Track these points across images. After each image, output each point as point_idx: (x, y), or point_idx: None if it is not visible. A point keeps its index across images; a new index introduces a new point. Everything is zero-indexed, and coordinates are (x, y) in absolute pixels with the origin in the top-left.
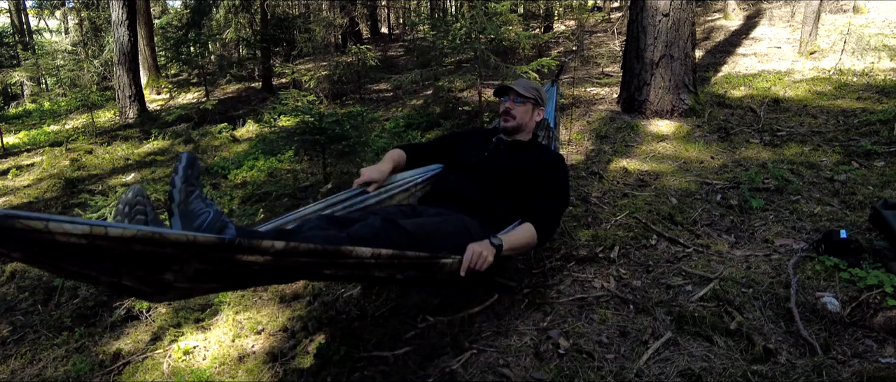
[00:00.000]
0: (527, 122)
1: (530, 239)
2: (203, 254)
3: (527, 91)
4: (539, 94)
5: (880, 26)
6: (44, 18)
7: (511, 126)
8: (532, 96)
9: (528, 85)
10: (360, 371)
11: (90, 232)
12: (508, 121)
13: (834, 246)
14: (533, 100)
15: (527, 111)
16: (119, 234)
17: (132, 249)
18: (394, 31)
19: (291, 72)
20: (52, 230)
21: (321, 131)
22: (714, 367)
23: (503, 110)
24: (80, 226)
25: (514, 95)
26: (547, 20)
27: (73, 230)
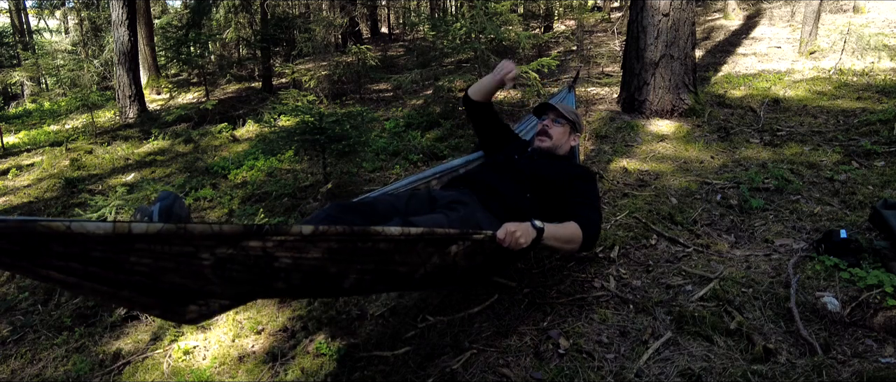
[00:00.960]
0: (562, 145)
1: (574, 238)
2: (231, 242)
3: (567, 113)
4: (578, 119)
5: (880, 26)
6: (44, 18)
7: (546, 147)
8: (571, 119)
9: (568, 107)
10: (360, 370)
11: (114, 231)
12: (544, 140)
13: (834, 246)
14: (571, 123)
15: (564, 133)
16: (144, 230)
17: (158, 247)
18: (394, 31)
19: (291, 72)
20: (75, 230)
21: (321, 131)
22: (714, 367)
23: (540, 129)
24: (104, 226)
25: (554, 115)
26: (547, 20)
27: (97, 230)
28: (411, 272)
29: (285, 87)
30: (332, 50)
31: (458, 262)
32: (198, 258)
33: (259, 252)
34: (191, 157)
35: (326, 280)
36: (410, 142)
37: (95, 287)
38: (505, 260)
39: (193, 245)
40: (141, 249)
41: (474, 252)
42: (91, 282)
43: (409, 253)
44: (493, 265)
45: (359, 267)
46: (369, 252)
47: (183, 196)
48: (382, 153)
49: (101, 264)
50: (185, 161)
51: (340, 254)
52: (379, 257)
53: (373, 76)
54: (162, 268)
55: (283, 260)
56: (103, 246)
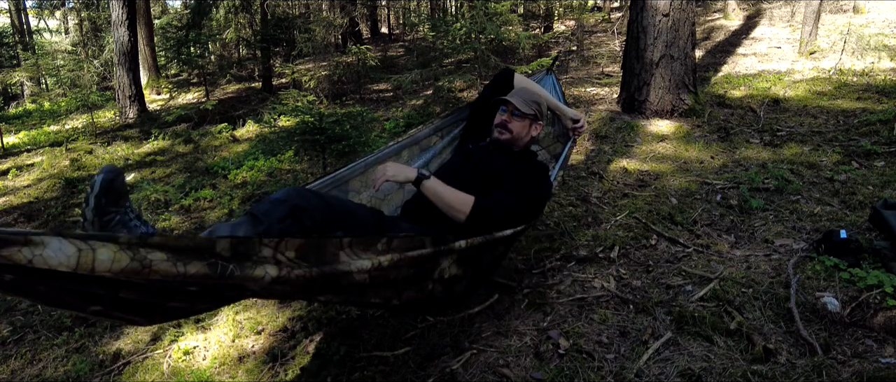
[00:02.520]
0: (522, 138)
1: (458, 206)
2: (196, 281)
3: (526, 106)
4: (539, 109)
5: (880, 26)
6: (44, 18)
7: (505, 139)
8: (532, 111)
9: (529, 98)
10: (360, 371)
11: (77, 264)
12: (503, 134)
13: (834, 246)
14: (532, 115)
15: (524, 126)
16: (107, 267)
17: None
18: (394, 31)
19: (291, 72)
20: (36, 264)
21: (321, 131)
22: (714, 367)
23: (499, 122)
24: (66, 257)
25: (512, 108)
26: (547, 20)
27: (58, 263)
28: (385, 302)
29: (285, 88)
30: (332, 50)
31: (434, 293)
32: (164, 284)
33: (227, 282)
34: (191, 157)
35: (299, 295)
36: None
37: (63, 301)
38: (481, 278)
39: (159, 275)
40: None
41: (451, 281)
42: (58, 298)
43: (384, 287)
44: (470, 288)
45: (329, 295)
46: (338, 286)
47: (183, 196)
48: None
49: (65, 291)
50: (185, 161)
51: (309, 290)
52: (350, 290)
53: (373, 76)
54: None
55: (251, 289)
56: (66, 279)
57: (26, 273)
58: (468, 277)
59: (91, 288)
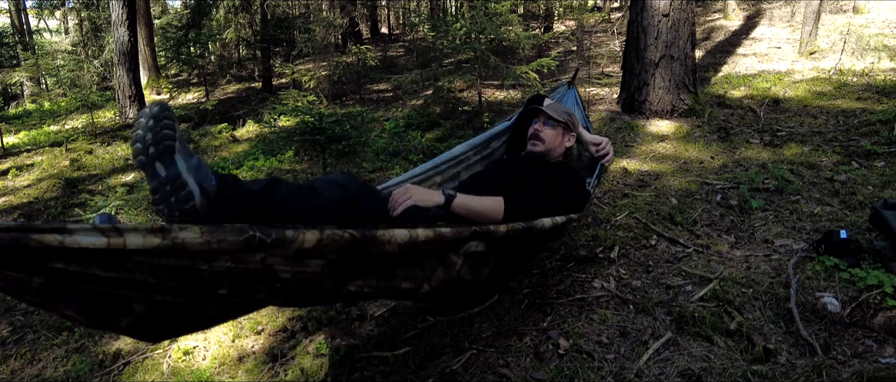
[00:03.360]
0: (555, 148)
1: (492, 210)
2: (232, 256)
3: (558, 114)
4: (571, 119)
5: (880, 26)
6: (44, 18)
7: (539, 151)
8: (563, 120)
9: (559, 108)
10: (360, 370)
11: (108, 245)
12: (536, 145)
13: (834, 246)
14: (563, 124)
15: (556, 135)
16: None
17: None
18: (394, 31)
19: (291, 72)
20: (68, 245)
21: (321, 131)
22: (714, 367)
23: (532, 133)
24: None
25: (544, 118)
26: (547, 20)
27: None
28: (415, 287)
29: (285, 88)
30: (332, 50)
31: (462, 276)
32: (196, 270)
33: (257, 264)
34: None
35: (322, 293)
36: (410, 142)
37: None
38: (509, 268)
39: (190, 257)
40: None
41: (478, 262)
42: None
43: (414, 266)
44: (499, 277)
45: (360, 281)
46: (371, 264)
47: None
48: (382, 153)
49: (100, 291)
50: None
51: (341, 267)
52: (381, 271)
53: (373, 76)
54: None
55: (282, 274)
56: (98, 260)
57: (58, 257)
58: (495, 262)
59: (130, 273)
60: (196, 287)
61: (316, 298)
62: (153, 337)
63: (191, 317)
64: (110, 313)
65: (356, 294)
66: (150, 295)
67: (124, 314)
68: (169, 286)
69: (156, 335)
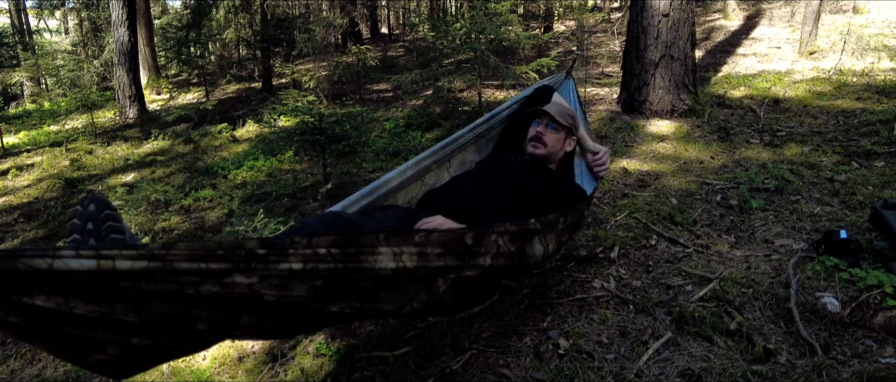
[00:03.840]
0: (556, 152)
1: None
2: (216, 278)
3: (562, 117)
4: (574, 122)
5: (880, 26)
6: (44, 18)
7: (540, 154)
8: (567, 124)
9: (563, 111)
10: (360, 371)
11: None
12: (538, 148)
13: (834, 247)
14: (567, 128)
15: (559, 140)
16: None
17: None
18: (394, 31)
19: (291, 72)
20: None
21: (321, 131)
22: (714, 367)
23: (534, 135)
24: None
25: (548, 120)
26: (547, 20)
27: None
28: (398, 309)
29: (285, 88)
30: (332, 50)
31: (445, 300)
32: (183, 294)
33: (244, 289)
34: (191, 157)
35: (304, 316)
36: (410, 142)
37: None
38: (492, 287)
39: (178, 282)
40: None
41: (463, 287)
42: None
43: (398, 290)
44: (481, 295)
45: (342, 303)
46: (356, 288)
47: (183, 196)
48: (382, 153)
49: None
50: (185, 161)
51: (326, 291)
52: (365, 294)
53: (373, 76)
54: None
55: (267, 298)
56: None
57: (43, 286)
58: (479, 284)
59: (111, 307)
60: (175, 321)
61: (297, 323)
62: (120, 375)
63: (163, 356)
64: (82, 352)
65: (338, 315)
66: (127, 337)
67: (95, 353)
68: (148, 322)
69: (123, 373)
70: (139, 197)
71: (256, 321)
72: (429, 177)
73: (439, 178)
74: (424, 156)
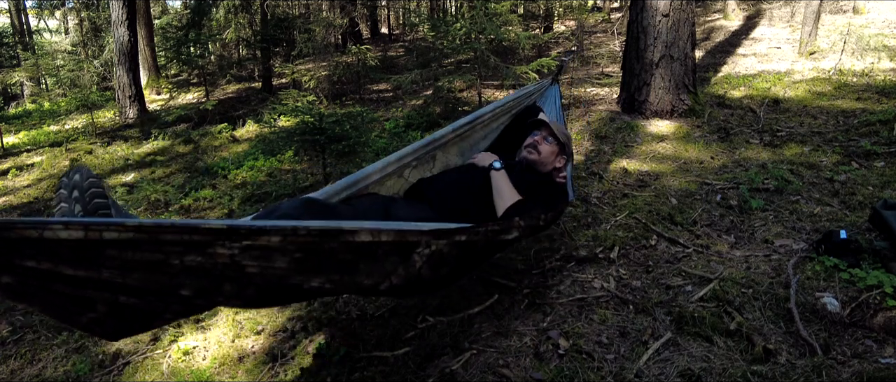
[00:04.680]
0: (547, 163)
1: (511, 198)
2: (200, 248)
3: (560, 134)
4: (569, 143)
5: (880, 26)
6: (44, 19)
7: (533, 159)
8: (563, 141)
9: (562, 130)
10: (360, 371)
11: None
12: (532, 153)
13: (834, 247)
14: (562, 145)
15: (552, 153)
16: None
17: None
18: (394, 31)
19: (291, 72)
20: (47, 236)
21: (321, 131)
22: (714, 367)
23: (531, 142)
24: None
25: (546, 132)
26: (547, 20)
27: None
28: (375, 284)
29: (285, 88)
30: (331, 50)
31: (422, 273)
32: (168, 264)
33: (226, 259)
34: (191, 157)
35: (285, 288)
36: (410, 142)
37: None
38: (469, 266)
39: (164, 251)
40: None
41: (439, 261)
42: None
43: (374, 263)
44: (457, 274)
45: (322, 277)
46: (335, 261)
47: (182, 196)
48: (382, 153)
49: (67, 287)
50: (184, 161)
51: (306, 264)
52: (344, 268)
53: (373, 76)
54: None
55: (249, 269)
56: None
57: (34, 252)
58: (455, 262)
59: (98, 272)
60: (160, 287)
61: (278, 296)
62: (112, 336)
63: (151, 319)
64: (73, 311)
65: (318, 289)
66: (115, 296)
67: (86, 312)
68: (134, 286)
69: (115, 333)
70: (139, 196)
71: (238, 289)
72: (411, 174)
73: (423, 176)
74: (407, 151)
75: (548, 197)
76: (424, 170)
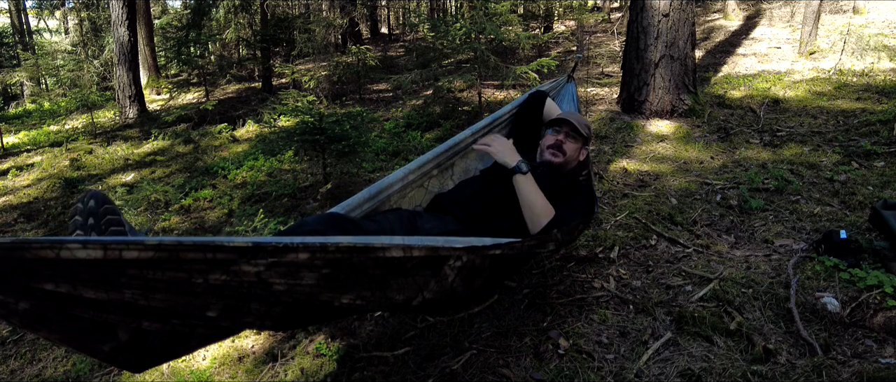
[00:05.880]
0: (573, 160)
1: (543, 211)
2: (225, 267)
3: (582, 128)
4: (590, 132)
5: (880, 26)
6: (44, 18)
7: (558, 162)
8: (585, 134)
9: (583, 121)
10: (360, 371)
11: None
12: (557, 156)
13: (834, 247)
14: (585, 138)
15: (576, 149)
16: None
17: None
18: (394, 31)
19: (291, 72)
20: (64, 257)
21: (321, 131)
22: (714, 367)
23: (554, 143)
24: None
25: (568, 128)
26: (547, 20)
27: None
28: (408, 300)
29: (285, 88)
30: (331, 50)
31: (454, 286)
32: (191, 284)
33: (252, 277)
34: (191, 157)
35: (315, 306)
36: (410, 142)
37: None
38: (502, 276)
39: (187, 270)
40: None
41: (471, 274)
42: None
43: (406, 278)
44: (490, 285)
45: (353, 294)
46: (365, 277)
47: (182, 196)
48: (382, 153)
49: (86, 312)
50: (184, 161)
51: (335, 280)
52: (375, 283)
53: (373, 76)
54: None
55: (276, 287)
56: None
57: (51, 273)
58: (488, 273)
59: (120, 293)
60: (185, 307)
61: (308, 314)
62: (135, 366)
63: (175, 345)
64: (95, 339)
65: (349, 306)
66: (138, 322)
67: (107, 340)
68: (158, 308)
69: (138, 363)
70: (139, 197)
71: (266, 308)
72: (431, 184)
73: (443, 185)
74: (426, 159)
75: (580, 204)
76: (445, 179)
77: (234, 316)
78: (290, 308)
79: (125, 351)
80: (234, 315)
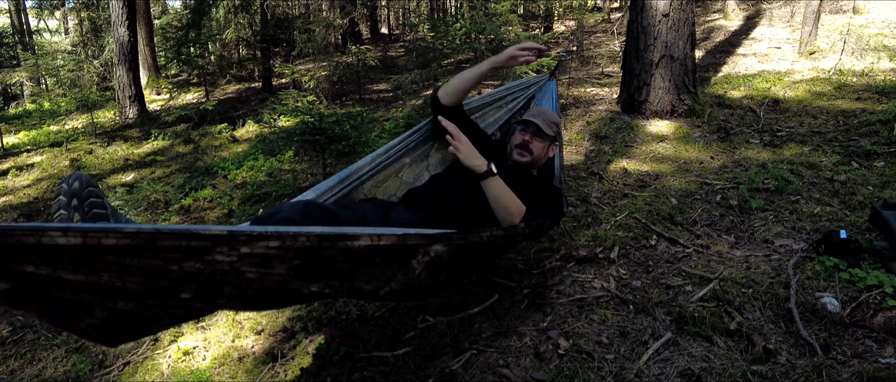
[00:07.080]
0: (541, 158)
1: (515, 210)
2: (198, 254)
3: (549, 127)
4: (559, 129)
5: (880, 26)
6: (44, 19)
7: (525, 161)
8: (552, 133)
9: (550, 120)
10: (360, 371)
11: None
12: (524, 155)
13: (834, 247)
14: (552, 136)
15: (544, 148)
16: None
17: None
18: (394, 31)
19: (291, 72)
20: (45, 242)
21: (321, 131)
22: (714, 367)
23: (521, 142)
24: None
25: (534, 129)
26: (547, 20)
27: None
28: (375, 289)
29: (285, 88)
30: (331, 50)
31: (421, 279)
32: (167, 270)
33: (225, 266)
34: (190, 157)
35: (284, 293)
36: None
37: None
38: (469, 271)
39: (161, 257)
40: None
41: (438, 268)
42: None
43: (373, 270)
44: (456, 279)
45: (321, 283)
46: (334, 268)
47: (182, 196)
48: None
49: (65, 292)
50: (184, 161)
51: (304, 271)
52: (343, 274)
53: (372, 76)
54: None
55: (248, 275)
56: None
57: (32, 257)
58: (455, 267)
59: (97, 276)
60: (161, 290)
61: (278, 298)
62: (111, 341)
63: (149, 323)
64: (72, 316)
65: (318, 293)
66: (114, 301)
67: (84, 317)
68: (134, 290)
69: (113, 339)
70: (139, 196)
71: (238, 292)
72: (406, 174)
73: (418, 176)
74: (394, 143)
75: (550, 203)
76: (421, 169)
77: (208, 298)
78: (261, 293)
79: (101, 328)
80: (207, 297)
